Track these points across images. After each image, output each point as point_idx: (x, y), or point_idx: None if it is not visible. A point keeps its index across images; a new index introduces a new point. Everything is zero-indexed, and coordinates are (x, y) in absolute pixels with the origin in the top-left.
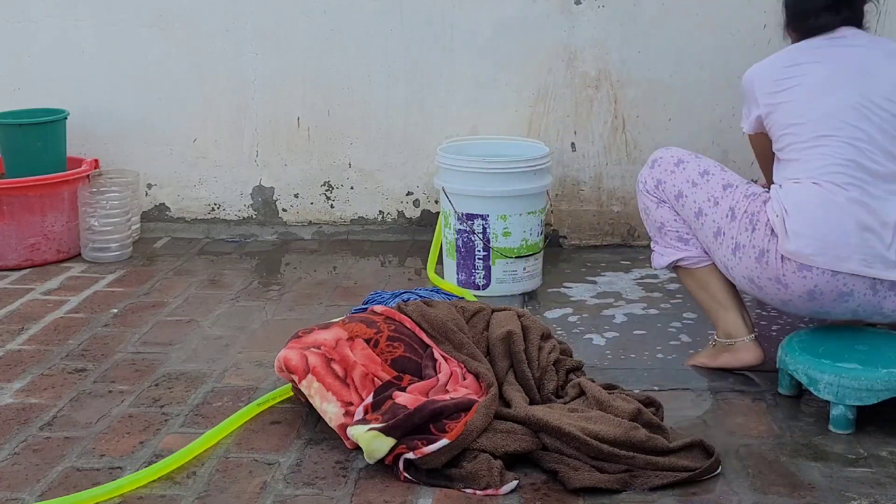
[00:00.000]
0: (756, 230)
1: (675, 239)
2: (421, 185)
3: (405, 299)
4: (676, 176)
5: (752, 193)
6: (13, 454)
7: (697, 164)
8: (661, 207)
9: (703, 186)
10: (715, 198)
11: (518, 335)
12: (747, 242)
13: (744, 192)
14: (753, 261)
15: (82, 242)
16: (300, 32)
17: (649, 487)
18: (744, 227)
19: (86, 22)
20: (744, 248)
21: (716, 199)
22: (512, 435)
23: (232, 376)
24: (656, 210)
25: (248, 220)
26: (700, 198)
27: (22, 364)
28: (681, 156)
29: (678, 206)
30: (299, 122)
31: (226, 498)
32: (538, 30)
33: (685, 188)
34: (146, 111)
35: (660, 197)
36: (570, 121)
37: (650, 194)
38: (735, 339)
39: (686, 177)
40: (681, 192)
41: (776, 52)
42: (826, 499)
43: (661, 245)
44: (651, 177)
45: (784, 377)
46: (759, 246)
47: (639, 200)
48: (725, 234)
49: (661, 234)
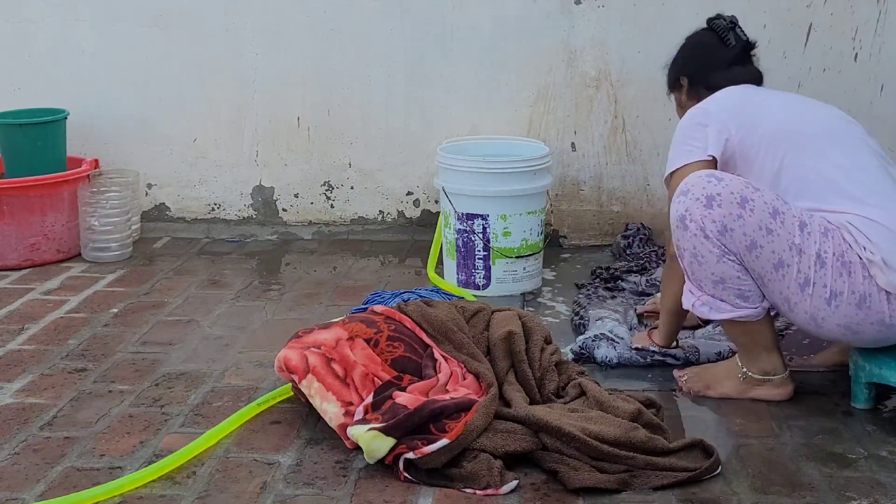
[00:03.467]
0: (853, 274)
1: (734, 296)
2: (421, 185)
3: (405, 299)
4: (746, 222)
5: (824, 228)
6: (13, 454)
7: (764, 202)
8: (724, 261)
9: (780, 232)
10: (796, 245)
11: (519, 335)
12: (845, 289)
13: (818, 227)
14: (854, 307)
15: (82, 242)
16: (300, 32)
17: (649, 487)
18: (837, 272)
19: (86, 22)
20: (842, 296)
21: (797, 245)
22: (512, 435)
23: (232, 376)
24: (717, 263)
25: (248, 220)
26: (780, 247)
27: (22, 364)
28: (742, 191)
29: (749, 258)
30: (299, 122)
31: (226, 498)
32: (538, 29)
33: (759, 237)
34: (146, 111)
35: (725, 247)
36: (570, 121)
37: (710, 242)
38: (774, 376)
39: (758, 222)
40: (754, 242)
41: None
42: (826, 499)
43: (714, 297)
44: (711, 220)
45: (861, 390)
46: (860, 291)
47: (685, 242)
48: (815, 283)
49: (717, 288)
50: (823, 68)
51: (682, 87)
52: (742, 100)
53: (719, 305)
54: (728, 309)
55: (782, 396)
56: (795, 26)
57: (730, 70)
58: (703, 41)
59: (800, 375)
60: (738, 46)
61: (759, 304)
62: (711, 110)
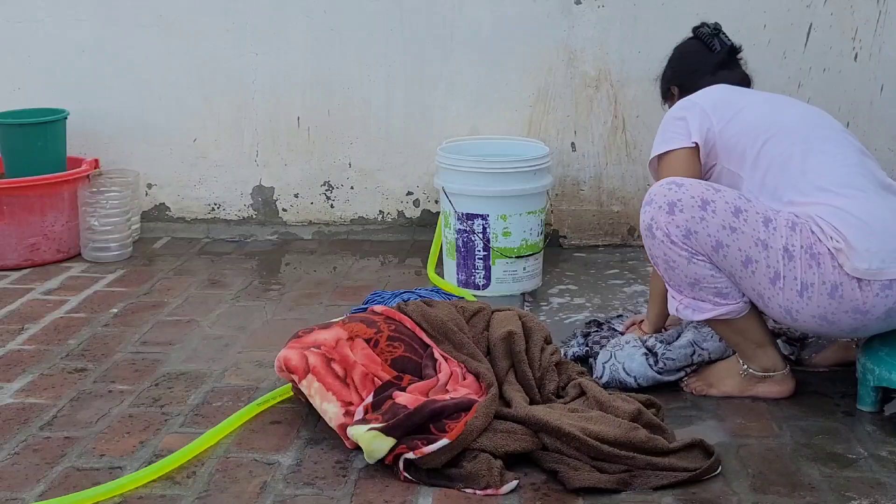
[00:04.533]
0: (822, 264)
1: (712, 294)
2: (421, 185)
3: (405, 299)
4: (708, 223)
5: (791, 222)
6: (13, 454)
7: (725, 203)
8: (695, 262)
9: (744, 229)
10: (762, 240)
11: (519, 335)
12: (816, 280)
13: (784, 222)
14: (826, 297)
15: (82, 242)
16: (300, 32)
17: (649, 487)
18: (806, 264)
19: (86, 22)
20: (813, 287)
21: (763, 241)
22: (512, 435)
23: (232, 376)
24: (689, 265)
25: (248, 220)
26: (745, 244)
27: (22, 364)
28: (702, 194)
29: (717, 257)
30: (299, 122)
31: (226, 498)
32: (538, 30)
33: (723, 237)
34: (146, 111)
35: (692, 249)
36: (570, 121)
37: (677, 246)
38: (774, 372)
39: (720, 222)
40: (719, 242)
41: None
42: (826, 499)
43: (694, 299)
44: (675, 225)
45: (868, 393)
46: (830, 280)
47: (655, 250)
48: (786, 276)
49: (694, 290)
50: (823, 68)
51: (674, 97)
52: (724, 92)
53: (700, 306)
54: (709, 308)
55: (784, 394)
56: (795, 26)
57: (717, 75)
58: (689, 49)
59: (800, 375)
60: (723, 51)
61: (739, 300)
62: (695, 101)
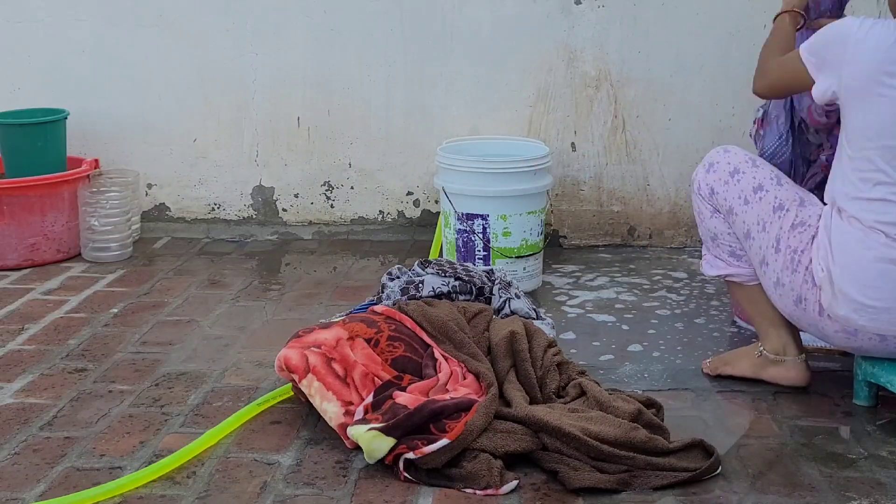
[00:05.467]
0: (796, 272)
1: (727, 253)
2: (421, 185)
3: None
4: (730, 189)
5: (800, 222)
6: (13, 454)
7: (753, 177)
8: (716, 217)
9: (755, 206)
10: (763, 221)
11: (521, 335)
12: (787, 282)
13: (792, 219)
14: (792, 303)
15: (82, 242)
16: (300, 32)
17: (649, 487)
18: (785, 264)
19: (86, 22)
20: (783, 287)
21: (764, 223)
22: (512, 435)
23: (232, 376)
24: (710, 219)
25: (248, 220)
26: (750, 219)
27: (22, 364)
28: (737, 163)
29: (729, 220)
30: (299, 122)
31: (226, 498)
32: (538, 29)
33: (736, 205)
34: (146, 111)
35: (714, 206)
36: (570, 121)
37: (705, 201)
38: (785, 356)
39: (739, 191)
40: (732, 208)
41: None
42: (826, 499)
43: (712, 255)
44: (706, 183)
45: (861, 388)
46: (798, 291)
47: (693, 202)
48: (769, 265)
49: (713, 244)
50: None
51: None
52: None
53: (716, 262)
54: (723, 266)
55: (795, 381)
56: None
57: None
58: None
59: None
60: None
61: (750, 266)
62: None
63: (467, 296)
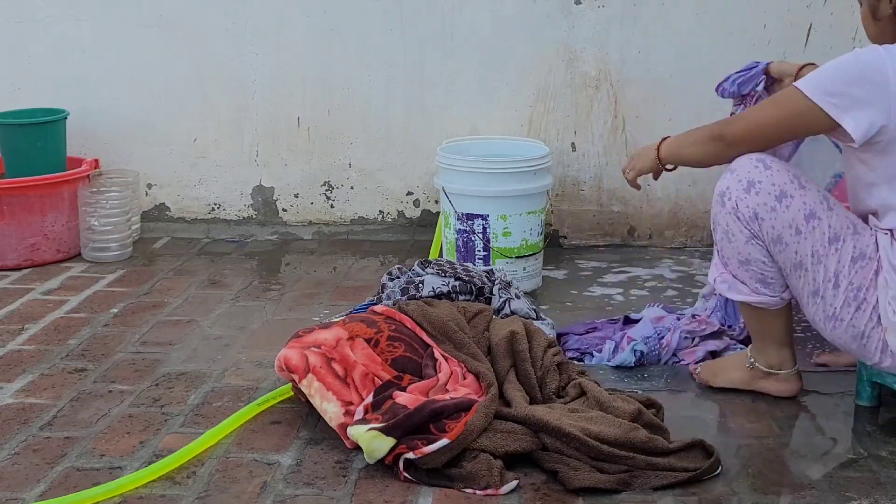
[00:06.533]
0: (860, 310)
1: (755, 280)
2: (421, 185)
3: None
4: (779, 216)
5: (860, 255)
6: (13, 454)
7: (803, 202)
8: (753, 244)
9: (808, 236)
10: (819, 254)
11: (521, 335)
12: (847, 318)
13: (851, 251)
14: (849, 338)
15: (82, 242)
16: (300, 32)
17: (649, 487)
18: (847, 301)
19: (86, 22)
20: (840, 322)
21: (819, 255)
22: (512, 435)
23: (232, 376)
24: (745, 244)
25: (248, 220)
26: (803, 250)
27: (22, 364)
28: (782, 184)
29: (775, 250)
30: (299, 122)
31: (226, 498)
32: (538, 30)
33: (787, 235)
34: (146, 111)
35: (754, 232)
36: (570, 121)
37: (742, 223)
38: (780, 370)
39: (790, 220)
40: (781, 237)
41: None
42: (826, 499)
43: (735, 277)
44: (747, 205)
45: (864, 388)
46: (860, 328)
47: (720, 218)
48: (824, 298)
49: (740, 268)
50: None
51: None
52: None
53: (738, 286)
54: (747, 292)
55: (787, 393)
56: (795, 26)
57: None
58: None
59: (802, 375)
60: None
61: (779, 294)
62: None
63: (467, 296)
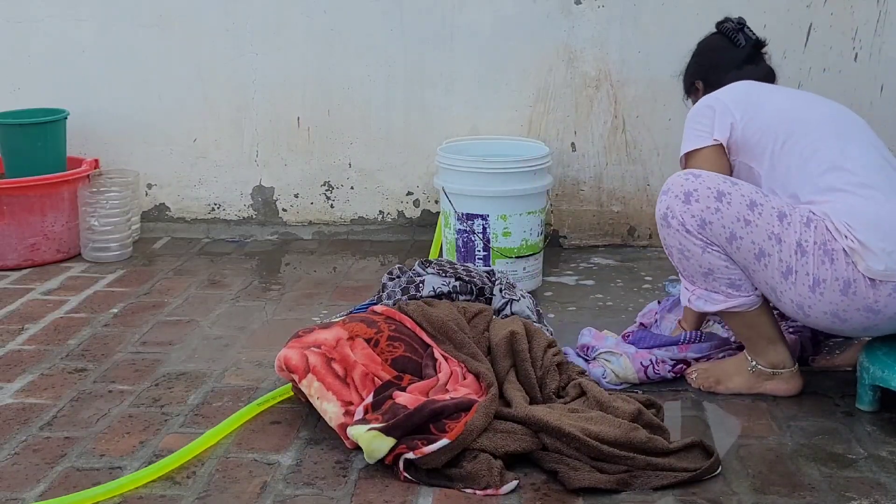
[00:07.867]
0: (835, 261)
1: (724, 285)
2: (421, 185)
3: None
4: (723, 214)
5: (807, 219)
6: (13, 454)
7: (741, 195)
8: (710, 252)
9: (758, 223)
10: (776, 234)
11: (521, 335)
12: (828, 276)
13: (800, 217)
14: (839, 294)
15: (82, 242)
16: (300, 32)
17: (649, 488)
18: (819, 260)
19: (86, 22)
20: (825, 283)
21: (777, 235)
22: (512, 435)
23: (232, 376)
24: (703, 255)
25: (248, 220)
26: (759, 237)
27: (22, 364)
28: (717, 185)
29: (731, 249)
30: (299, 122)
31: (226, 498)
32: (538, 30)
33: (737, 229)
34: (146, 111)
35: (707, 240)
36: (570, 121)
37: (693, 236)
38: (783, 369)
39: (735, 214)
40: (733, 234)
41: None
42: (826, 499)
43: (706, 290)
44: (690, 215)
45: (866, 392)
46: (843, 277)
47: (671, 239)
48: (798, 271)
49: (706, 280)
50: (823, 68)
51: (699, 91)
52: (748, 88)
53: (713, 297)
54: (722, 300)
55: (791, 391)
56: (795, 26)
57: (742, 70)
58: (713, 45)
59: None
60: (748, 46)
61: (752, 293)
62: (718, 97)
63: (468, 296)
